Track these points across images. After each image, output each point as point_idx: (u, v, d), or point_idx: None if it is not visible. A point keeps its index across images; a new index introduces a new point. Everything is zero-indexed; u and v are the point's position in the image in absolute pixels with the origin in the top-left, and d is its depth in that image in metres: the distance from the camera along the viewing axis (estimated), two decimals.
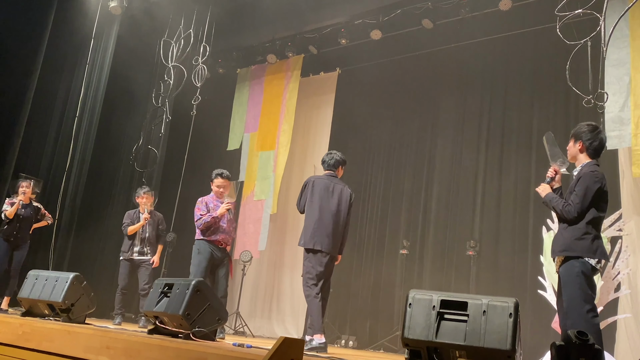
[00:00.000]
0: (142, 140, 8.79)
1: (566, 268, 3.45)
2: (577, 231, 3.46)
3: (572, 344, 2.40)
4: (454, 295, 2.66)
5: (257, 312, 8.92)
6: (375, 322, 7.93)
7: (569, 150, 3.69)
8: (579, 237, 3.44)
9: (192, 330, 3.46)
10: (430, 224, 8.11)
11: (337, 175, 5.07)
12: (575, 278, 3.39)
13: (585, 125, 3.64)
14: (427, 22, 7.59)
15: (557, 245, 3.55)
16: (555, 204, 3.56)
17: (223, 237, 5.42)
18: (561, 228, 3.58)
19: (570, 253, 3.44)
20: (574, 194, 3.49)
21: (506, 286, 6.94)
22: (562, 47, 6.07)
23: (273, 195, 8.61)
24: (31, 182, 6.44)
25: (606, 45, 5.80)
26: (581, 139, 3.60)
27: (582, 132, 3.61)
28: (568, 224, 3.50)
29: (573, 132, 3.68)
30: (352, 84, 8.92)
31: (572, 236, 3.46)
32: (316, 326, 4.55)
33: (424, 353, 2.62)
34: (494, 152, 7.78)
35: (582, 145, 3.59)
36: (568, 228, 3.50)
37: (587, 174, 3.50)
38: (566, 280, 3.44)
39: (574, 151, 3.63)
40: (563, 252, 3.47)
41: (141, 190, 6.55)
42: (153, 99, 8.87)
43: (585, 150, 3.59)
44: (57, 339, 3.27)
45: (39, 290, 4.45)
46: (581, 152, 3.60)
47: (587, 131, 3.60)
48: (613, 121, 5.82)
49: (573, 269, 3.41)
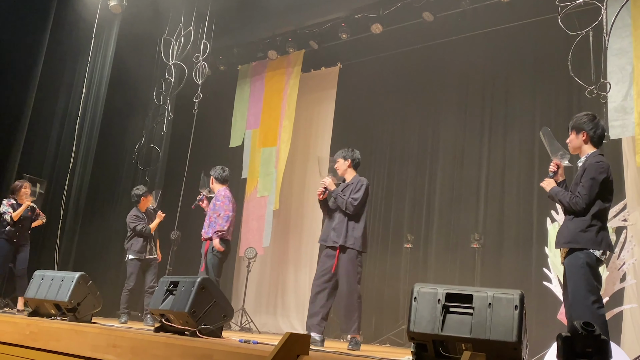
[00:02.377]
0: (145, 139, 8.79)
1: (571, 260, 3.45)
2: (582, 223, 3.45)
3: (578, 335, 2.39)
4: (459, 289, 2.65)
5: (262, 308, 8.95)
6: (380, 316, 7.94)
7: (570, 143, 3.68)
8: (584, 228, 3.43)
9: (198, 327, 3.47)
10: (434, 218, 8.10)
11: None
12: (580, 269, 3.39)
13: (584, 116, 3.64)
14: (428, 14, 7.56)
15: (561, 236, 3.54)
16: (562, 197, 3.55)
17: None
18: (566, 220, 3.56)
19: (574, 245, 3.43)
20: (581, 186, 3.48)
21: (511, 278, 6.94)
22: (564, 38, 6.04)
23: (275, 191, 8.62)
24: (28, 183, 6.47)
25: (608, 34, 5.77)
26: (584, 129, 3.59)
27: (583, 122, 3.60)
28: (575, 215, 3.49)
29: (572, 124, 3.66)
30: (353, 78, 8.90)
31: (577, 228, 3.45)
32: (359, 325, 4.65)
33: (430, 346, 2.62)
34: (496, 144, 7.76)
35: (587, 135, 3.58)
36: (573, 219, 3.49)
37: (592, 165, 3.49)
38: (571, 271, 3.43)
39: (578, 142, 3.62)
40: (568, 244, 3.47)
41: (142, 190, 6.75)
42: (154, 97, 8.87)
43: (590, 140, 3.59)
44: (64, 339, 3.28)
45: (45, 291, 4.47)
46: (585, 142, 3.59)
47: (588, 121, 3.60)
48: (616, 110, 5.79)
49: (577, 260, 3.40)
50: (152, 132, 8.84)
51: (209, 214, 5.62)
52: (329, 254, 4.80)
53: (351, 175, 4.99)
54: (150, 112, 8.95)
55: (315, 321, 4.61)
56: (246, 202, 9.00)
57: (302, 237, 8.85)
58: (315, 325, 4.60)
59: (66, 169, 7.81)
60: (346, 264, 4.68)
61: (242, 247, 8.78)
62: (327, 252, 4.83)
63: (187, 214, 8.14)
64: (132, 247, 6.42)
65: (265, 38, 9.12)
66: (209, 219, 5.59)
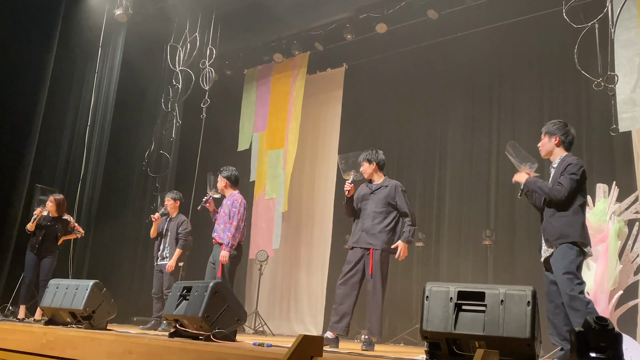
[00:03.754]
0: (154, 146, 8.85)
1: (559, 253, 3.53)
2: (566, 218, 3.55)
3: (592, 329, 2.39)
4: (470, 286, 2.65)
5: (275, 311, 8.97)
6: (394, 316, 7.93)
7: (543, 147, 3.84)
8: (570, 224, 3.53)
9: (212, 331, 3.49)
10: (445, 216, 8.08)
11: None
12: (569, 263, 3.47)
13: (557, 122, 3.85)
14: (432, 12, 7.56)
15: (550, 234, 3.61)
16: (541, 185, 3.66)
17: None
18: (547, 216, 3.64)
19: (565, 240, 3.52)
20: (563, 177, 3.58)
21: (524, 274, 6.90)
22: (570, 31, 6.00)
23: (284, 193, 8.64)
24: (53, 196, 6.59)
25: (614, 26, 5.73)
26: (556, 134, 3.78)
27: (556, 128, 3.80)
28: (555, 208, 3.57)
29: (545, 129, 3.85)
30: (359, 78, 8.91)
31: (563, 224, 3.54)
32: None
33: (443, 345, 2.62)
34: (505, 140, 7.68)
35: (559, 139, 3.77)
36: (556, 216, 3.58)
37: (572, 163, 3.62)
38: (560, 265, 3.50)
39: (550, 146, 3.81)
40: (559, 239, 3.55)
41: (169, 195, 6.85)
42: (163, 104, 8.93)
43: (562, 144, 3.77)
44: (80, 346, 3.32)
45: (60, 299, 4.51)
46: (557, 146, 3.79)
47: (561, 127, 3.79)
48: (625, 103, 5.74)
49: (567, 255, 3.49)
50: (161, 139, 8.90)
51: (222, 218, 5.51)
52: (357, 255, 4.76)
53: (380, 177, 4.93)
54: (159, 118, 9.01)
55: (346, 322, 4.62)
56: (255, 205, 9.03)
57: (313, 238, 8.87)
58: (345, 327, 4.62)
59: (77, 177, 7.89)
60: (379, 264, 4.68)
61: (252, 249, 8.81)
62: (356, 252, 4.78)
63: (199, 219, 8.18)
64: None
65: (271, 41, 9.16)
66: (224, 223, 5.47)
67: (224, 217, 5.48)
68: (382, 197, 4.80)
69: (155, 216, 6.56)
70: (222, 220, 5.49)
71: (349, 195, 4.82)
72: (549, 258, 3.63)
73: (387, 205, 4.79)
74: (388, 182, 4.90)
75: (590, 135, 6.97)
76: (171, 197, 6.77)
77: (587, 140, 6.99)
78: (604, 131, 6.16)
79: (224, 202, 5.56)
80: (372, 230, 4.73)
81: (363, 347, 4.45)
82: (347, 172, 4.87)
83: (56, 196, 6.58)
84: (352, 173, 4.84)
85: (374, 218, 4.76)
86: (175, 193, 6.88)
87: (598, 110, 6.66)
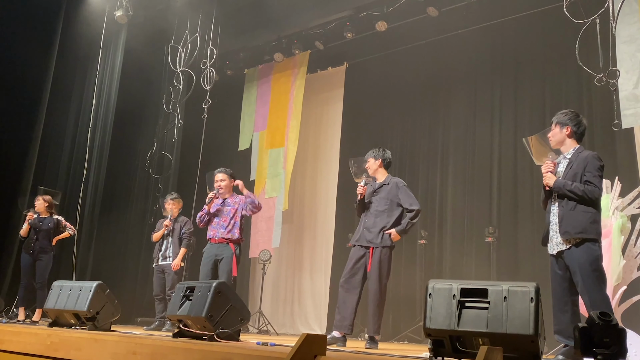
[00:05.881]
0: (156, 147, 8.86)
1: (585, 250, 3.45)
2: (589, 214, 3.49)
3: (596, 325, 2.38)
4: (473, 283, 2.65)
5: (279, 310, 8.97)
6: (397, 314, 7.93)
7: (553, 137, 3.76)
8: (593, 220, 3.48)
9: (215, 331, 3.50)
10: (447, 213, 8.07)
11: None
12: (595, 260, 3.42)
13: (569, 112, 3.75)
14: (432, 9, 7.56)
15: (571, 226, 3.50)
16: (573, 188, 3.51)
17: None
18: (567, 209, 3.54)
19: (587, 235, 3.45)
20: (590, 175, 3.48)
21: (527, 271, 6.89)
22: (571, 27, 5.99)
23: (284, 191, 8.64)
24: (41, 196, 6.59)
25: (615, 21, 5.70)
26: (568, 124, 3.70)
27: (568, 118, 3.72)
28: (577, 201, 3.49)
29: (556, 119, 3.77)
30: (360, 77, 8.90)
31: (586, 219, 3.48)
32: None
33: (446, 342, 2.62)
34: (507, 137, 7.71)
35: (570, 130, 3.69)
36: (578, 209, 3.50)
37: (590, 155, 3.56)
38: (585, 262, 3.42)
39: (561, 137, 3.72)
40: (581, 234, 3.46)
41: (168, 197, 6.78)
42: (164, 104, 8.93)
43: (574, 134, 3.70)
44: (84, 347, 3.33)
45: (64, 301, 4.52)
46: (569, 137, 3.70)
47: (573, 117, 3.71)
48: (627, 99, 5.71)
49: (593, 252, 3.43)
50: (163, 140, 8.90)
51: (231, 213, 5.53)
52: (359, 253, 4.78)
53: (383, 176, 4.97)
54: (161, 119, 9.01)
55: (349, 321, 4.63)
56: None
57: (316, 237, 8.86)
58: (349, 325, 4.62)
59: (80, 179, 7.91)
60: (378, 263, 4.69)
61: (252, 248, 8.82)
62: (358, 250, 4.80)
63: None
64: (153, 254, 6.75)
65: (271, 41, 9.16)
66: (234, 218, 5.51)
67: (227, 216, 5.54)
68: (384, 196, 4.84)
69: (167, 223, 6.57)
70: (233, 215, 5.55)
71: (361, 198, 4.87)
72: (562, 252, 3.54)
73: (390, 203, 4.82)
74: (389, 180, 4.94)
75: (592, 130, 6.95)
76: (172, 198, 6.76)
77: (589, 135, 6.96)
78: (606, 126, 6.14)
79: (244, 201, 5.59)
80: (373, 229, 4.77)
81: (367, 346, 4.45)
82: (358, 176, 4.95)
83: (44, 196, 6.58)
84: (364, 176, 4.91)
85: (376, 216, 4.81)
86: (175, 194, 6.89)
87: (600, 105, 6.65)
